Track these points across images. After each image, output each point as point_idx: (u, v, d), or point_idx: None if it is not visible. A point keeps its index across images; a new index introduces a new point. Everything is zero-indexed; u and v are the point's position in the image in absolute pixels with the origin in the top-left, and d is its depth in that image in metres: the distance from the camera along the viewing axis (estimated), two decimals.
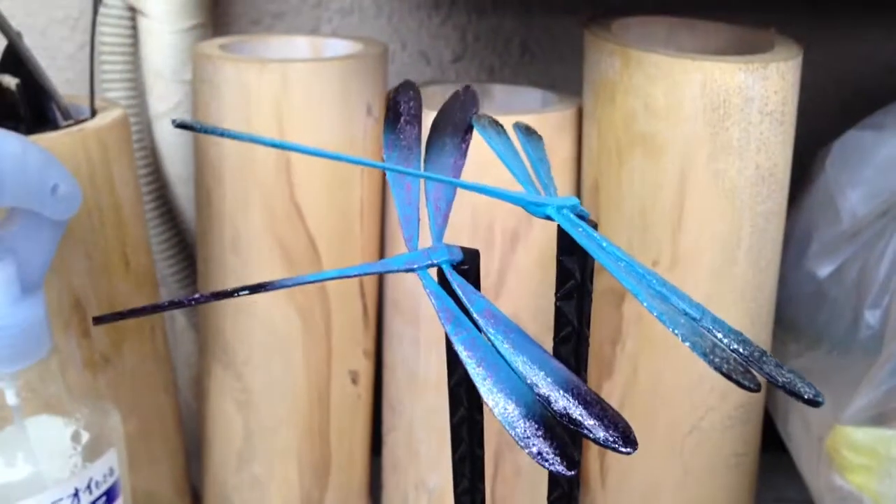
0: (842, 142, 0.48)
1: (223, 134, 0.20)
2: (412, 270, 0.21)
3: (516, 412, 0.16)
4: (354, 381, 0.47)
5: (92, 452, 0.34)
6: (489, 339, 0.18)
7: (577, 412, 0.16)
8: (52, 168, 0.32)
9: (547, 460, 0.16)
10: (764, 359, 0.17)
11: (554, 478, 0.24)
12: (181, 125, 0.20)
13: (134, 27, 0.50)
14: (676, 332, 0.17)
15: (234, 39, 0.47)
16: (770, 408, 0.47)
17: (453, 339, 0.18)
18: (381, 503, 0.51)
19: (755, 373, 0.17)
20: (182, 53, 0.50)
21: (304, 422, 0.46)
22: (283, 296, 0.44)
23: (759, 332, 0.43)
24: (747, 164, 0.39)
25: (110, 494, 0.35)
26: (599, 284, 0.43)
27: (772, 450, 0.48)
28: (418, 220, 0.24)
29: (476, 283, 0.22)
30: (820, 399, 0.16)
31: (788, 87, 0.39)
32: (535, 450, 0.16)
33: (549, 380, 0.17)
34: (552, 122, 0.42)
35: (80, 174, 0.37)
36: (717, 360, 0.17)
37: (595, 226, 0.22)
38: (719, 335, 0.17)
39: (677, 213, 0.40)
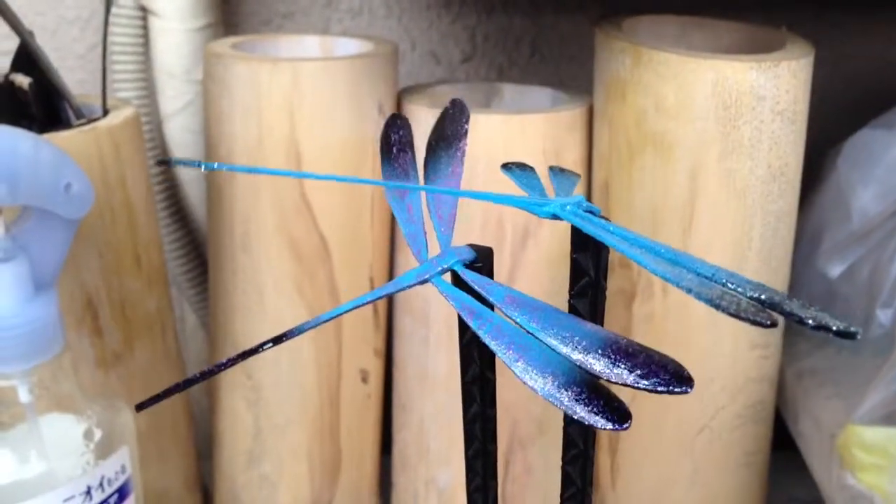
0: (853, 141, 0.47)
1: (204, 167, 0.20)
2: (426, 282, 0.21)
3: (555, 383, 0.16)
4: (364, 379, 0.47)
5: (104, 450, 0.34)
6: (515, 322, 0.18)
7: (621, 367, 0.16)
8: (64, 167, 0.32)
9: (597, 421, 0.16)
10: (786, 302, 0.16)
11: (567, 476, 0.24)
12: (161, 163, 0.20)
13: (145, 27, 0.51)
14: (680, 284, 0.17)
15: (245, 39, 0.47)
16: (781, 407, 0.47)
17: (480, 333, 0.18)
18: (390, 501, 0.51)
19: (775, 314, 0.16)
20: (193, 53, 0.50)
21: (315, 420, 0.46)
22: (294, 294, 0.44)
23: (770, 331, 0.43)
24: (759, 163, 0.39)
25: (122, 492, 0.35)
26: (610, 285, 0.43)
27: (782, 449, 0.48)
28: (424, 234, 0.24)
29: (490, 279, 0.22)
30: (853, 329, 0.16)
31: (800, 86, 0.39)
32: (583, 414, 0.16)
33: (584, 342, 0.17)
34: (562, 121, 0.42)
35: (93, 173, 0.37)
36: (724, 304, 0.16)
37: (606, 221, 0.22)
38: (732, 286, 0.17)
39: (688, 212, 0.40)
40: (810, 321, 0.16)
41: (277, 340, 0.20)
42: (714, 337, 0.42)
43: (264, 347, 0.20)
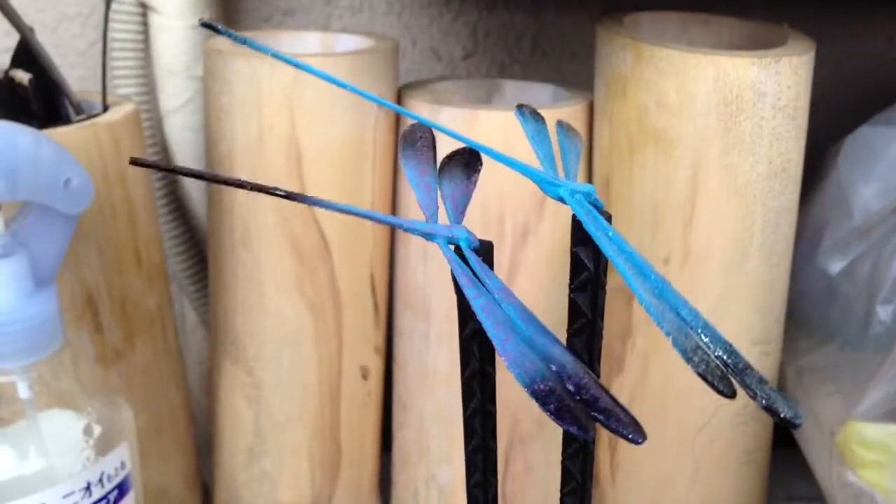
0: (854, 138, 0.47)
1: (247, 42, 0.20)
2: (433, 238, 0.21)
3: (533, 374, 0.16)
4: (365, 376, 0.47)
5: (104, 446, 0.34)
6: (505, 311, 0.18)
7: (586, 396, 0.16)
8: (64, 162, 0.32)
9: (565, 420, 0.16)
10: (747, 371, 0.17)
11: (567, 471, 0.24)
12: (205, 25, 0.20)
13: (145, 23, 0.51)
14: (661, 325, 0.17)
15: (246, 35, 0.47)
16: None
17: (472, 302, 0.18)
18: (391, 499, 0.51)
19: (735, 383, 0.17)
20: (193, 49, 0.50)
21: (315, 417, 0.46)
22: (294, 290, 0.44)
23: (771, 328, 0.43)
24: (760, 159, 0.39)
25: (122, 488, 0.35)
26: (611, 282, 0.43)
27: (783, 447, 0.48)
28: (437, 206, 0.24)
29: None
30: (798, 421, 0.16)
31: (801, 82, 0.39)
32: (552, 408, 0.16)
33: (560, 362, 0.17)
34: (564, 117, 0.42)
35: (93, 168, 0.37)
36: (696, 359, 0.16)
37: (609, 218, 0.22)
38: (706, 339, 0.17)
39: (689, 208, 0.40)
40: (762, 398, 0.16)
41: (291, 196, 0.20)
42: None
43: (276, 192, 0.20)
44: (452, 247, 0.22)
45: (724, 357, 0.17)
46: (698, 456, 0.44)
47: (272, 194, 0.19)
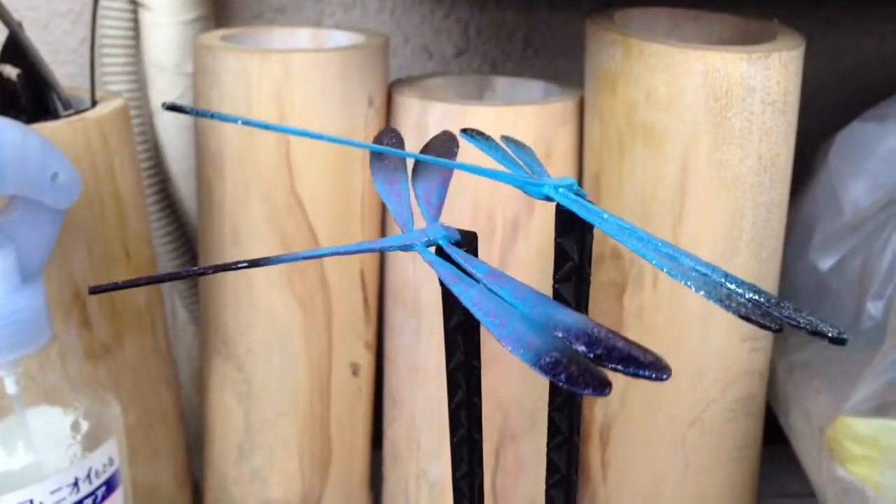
0: (844, 134, 0.47)
1: (214, 117, 0.20)
2: (410, 248, 0.21)
3: (537, 349, 0.16)
4: (355, 372, 0.47)
5: (91, 442, 0.34)
6: (499, 295, 0.18)
7: (599, 350, 0.16)
8: (52, 156, 0.32)
9: (578, 385, 0.15)
10: (782, 304, 0.17)
11: (552, 463, 0.24)
12: (171, 108, 0.20)
13: (135, 20, 0.50)
14: (689, 283, 0.17)
15: (236, 31, 0.47)
16: (771, 400, 0.47)
17: (461, 298, 0.18)
18: (381, 495, 0.51)
19: (776, 315, 0.17)
20: (184, 46, 0.50)
21: (305, 414, 0.46)
22: (284, 287, 0.44)
23: None
24: (749, 154, 0.39)
25: (110, 484, 0.35)
26: (600, 277, 0.43)
27: (774, 443, 0.48)
28: (411, 214, 0.24)
29: None
30: (845, 336, 0.16)
31: (791, 77, 0.39)
32: (563, 377, 0.16)
33: (564, 325, 0.17)
34: (553, 113, 0.42)
35: (81, 163, 0.37)
36: (734, 305, 0.16)
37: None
38: (732, 286, 0.17)
39: (679, 203, 0.40)
40: (805, 325, 0.16)
41: (254, 264, 0.20)
42: (705, 329, 0.42)
43: (238, 267, 0.20)
44: (433, 248, 0.22)
45: (756, 297, 0.17)
46: (689, 452, 0.44)
47: (235, 269, 0.19)
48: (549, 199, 0.21)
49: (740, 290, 0.17)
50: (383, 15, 0.57)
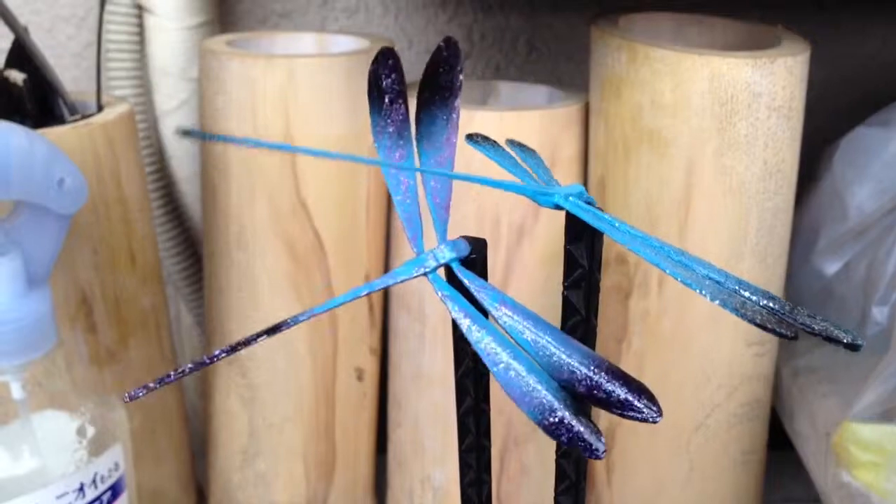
0: (849, 139, 0.47)
1: (227, 141, 0.20)
2: (422, 275, 0.21)
3: (541, 407, 0.17)
4: (360, 378, 0.47)
5: (97, 447, 0.34)
6: (506, 331, 0.18)
7: (604, 387, 0.16)
8: (58, 162, 0.32)
9: (575, 445, 0.16)
10: (796, 311, 0.17)
11: (562, 470, 0.24)
12: (185, 134, 0.20)
13: (141, 25, 0.50)
14: (704, 293, 0.17)
15: (241, 36, 0.47)
16: (777, 405, 0.47)
17: (475, 346, 0.18)
18: (386, 500, 0.50)
19: (790, 322, 0.17)
20: (189, 51, 0.50)
21: (310, 419, 0.46)
22: (289, 291, 0.44)
23: None
24: (754, 159, 0.39)
25: (115, 489, 0.35)
26: (606, 281, 0.43)
27: (779, 448, 0.48)
28: (419, 215, 0.24)
29: (483, 272, 0.22)
30: (859, 342, 0.16)
31: (796, 83, 0.39)
32: (563, 439, 0.16)
33: (573, 359, 0.17)
34: (558, 118, 0.42)
35: (87, 168, 0.37)
36: (749, 314, 0.17)
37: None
38: (746, 293, 0.17)
39: (684, 208, 0.40)
40: (820, 331, 0.16)
41: (272, 332, 0.20)
42: (710, 334, 0.42)
43: (258, 340, 0.20)
44: (443, 272, 0.22)
45: (770, 304, 0.17)
46: (693, 456, 0.44)
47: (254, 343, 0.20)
48: (559, 207, 0.21)
49: (755, 298, 0.17)
50: (387, 19, 0.57)
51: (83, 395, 0.35)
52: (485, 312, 0.20)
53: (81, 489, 0.33)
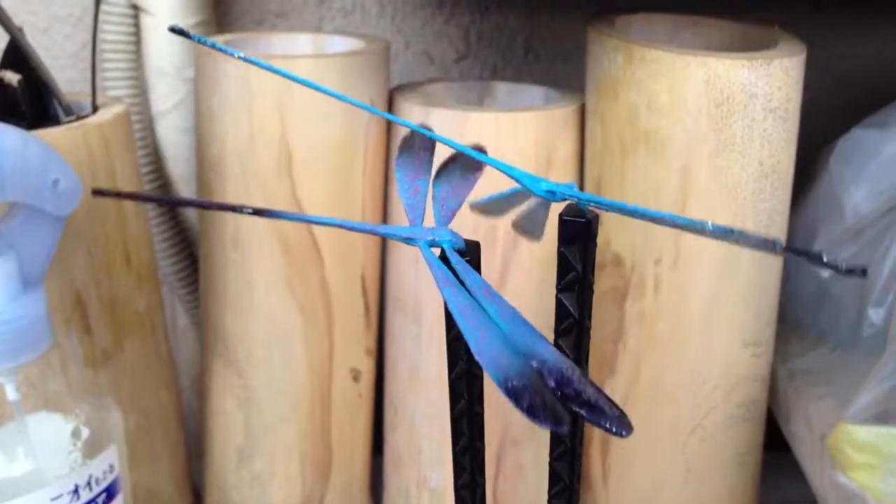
0: (846, 139, 0.47)
1: (215, 47, 0.20)
2: (413, 242, 0.21)
3: (507, 372, 0.16)
4: (356, 378, 0.47)
5: (92, 449, 0.34)
6: (487, 312, 0.18)
7: (575, 385, 0.16)
8: (52, 163, 0.32)
9: (537, 416, 0.15)
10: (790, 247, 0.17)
11: (555, 473, 0.24)
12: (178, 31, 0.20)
13: (136, 25, 0.50)
14: (705, 229, 0.17)
15: (237, 37, 0.47)
16: (773, 406, 0.47)
17: (449, 303, 0.18)
18: (382, 501, 0.50)
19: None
20: (185, 51, 0.50)
21: (306, 419, 0.46)
22: (285, 292, 0.44)
23: (763, 330, 0.43)
24: (750, 160, 0.39)
25: (110, 491, 0.35)
26: (602, 284, 0.43)
27: (775, 449, 0.48)
28: (424, 210, 0.24)
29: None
30: (864, 267, 0.16)
31: (792, 84, 0.39)
32: (524, 405, 0.16)
33: (549, 352, 0.17)
34: (554, 119, 0.42)
35: (82, 169, 0.37)
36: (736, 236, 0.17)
37: (596, 218, 0.22)
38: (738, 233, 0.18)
39: (680, 209, 0.40)
40: (822, 258, 0.16)
41: (259, 213, 0.20)
42: (707, 335, 0.42)
43: (244, 211, 0.20)
44: (437, 251, 0.22)
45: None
46: (690, 457, 0.44)
47: (238, 212, 0.19)
48: (551, 193, 0.21)
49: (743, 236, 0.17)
50: (384, 20, 0.57)
51: (78, 397, 0.35)
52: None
53: (76, 491, 0.33)
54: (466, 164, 0.25)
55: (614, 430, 0.16)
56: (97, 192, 0.21)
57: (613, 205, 0.20)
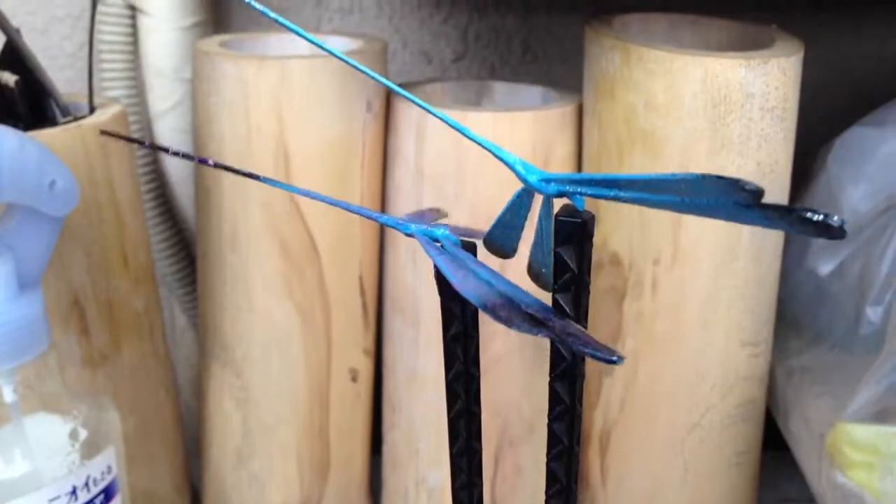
0: (843, 139, 0.47)
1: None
2: (408, 230, 0.21)
3: (485, 297, 0.17)
4: (354, 379, 0.47)
5: (90, 450, 0.34)
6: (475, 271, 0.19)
7: (555, 326, 0.17)
8: (49, 163, 0.32)
9: (514, 323, 0.16)
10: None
11: (552, 473, 0.24)
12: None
13: (134, 25, 0.50)
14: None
15: (234, 37, 0.47)
16: (771, 406, 0.47)
17: (435, 259, 0.19)
18: (380, 501, 0.50)
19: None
20: (182, 52, 0.50)
21: (304, 420, 0.46)
22: (283, 293, 0.44)
23: (761, 329, 0.43)
24: (748, 160, 0.39)
25: (108, 492, 0.35)
26: (600, 283, 0.43)
27: (774, 449, 0.48)
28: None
29: None
30: (843, 225, 0.15)
31: (789, 83, 0.39)
32: (502, 315, 0.16)
33: (528, 301, 0.17)
34: (552, 119, 0.42)
35: (79, 170, 0.37)
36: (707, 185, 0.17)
37: (592, 218, 0.22)
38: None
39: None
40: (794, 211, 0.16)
41: (251, 175, 0.20)
42: (705, 335, 0.42)
43: (240, 172, 0.20)
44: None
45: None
46: (688, 457, 0.44)
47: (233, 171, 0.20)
48: (535, 188, 0.21)
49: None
50: (382, 20, 0.57)
51: (76, 398, 0.35)
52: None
53: (74, 492, 0.33)
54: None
55: (602, 356, 0.16)
56: (105, 133, 0.22)
57: (606, 194, 0.20)
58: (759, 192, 0.16)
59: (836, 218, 0.15)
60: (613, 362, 0.16)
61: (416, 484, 0.47)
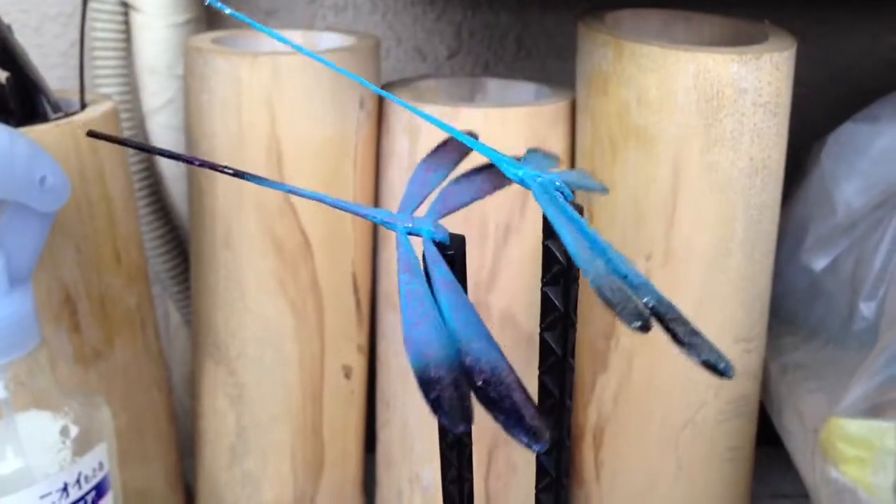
0: (837, 134, 0.47)
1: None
2: (391, 226, 0.21)
3: (428, 361, 0.16)
4: (348, 376, 0.47)
5: (81, 447, 0.34)
6: (438, 304, 0.18)
7: (493, 393, 0.16)
8: (39, 159, 0.32)
9: (436, 409, 0.15)
10: (678, 320, 0.16)
11: (542, 468, 0.24)
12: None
13: (126, 22, 0.50)
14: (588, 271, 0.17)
15: (227, 34, 0.47)
16: (765, 401, 0.47)
17: (401, 287, 0.18)
18: (374, 499, 0.50)
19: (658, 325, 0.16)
20: (175, 48, 0.50)
21: (297, 417, 0.46)
22: (276, 290, 0.44)
23: (754, 325, 0.43)
24: (741, 155, 0.39)
25: (100, 489, 0.35)
26: None
27: (767, 444, 0.48)
28: (419, 203, 0.24)
29: (462, 269, 0.22)
30: (727, 371, 0.16)
31: (782, 79, 0.39)
32: (431, 396, 0.15)
33: (491, 352, 0.16)
34: (545, 115, 0.42)
35: (70, 166, 0.37)
36: (608, 292, 0.16)
37: (581, 211, 0.22)
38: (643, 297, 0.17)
39: (671, 205, 0.40)
40: (687, 345, 0.16)
41: (239, 174, 0.20)
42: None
43: (225, 171, 0.20)
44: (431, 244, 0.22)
45: (657, 306, 0.17)
46: (682, 453, 0.44)
47: (222, 172, 0.20)
48: (523, 183, 0.21)
49: (645, 299, 0.17)
50: (375, 17, 0.57)
51: (67, 395, 0.35)
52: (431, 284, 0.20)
53: (65, 489, 0.33)
54: (492, 176, 0.24)
55: (525, 441, 0.15)
56: (91, 134, 0.21)
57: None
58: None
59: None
60: (531, 448, 0.15)
61: (410, 481, 0.47)
